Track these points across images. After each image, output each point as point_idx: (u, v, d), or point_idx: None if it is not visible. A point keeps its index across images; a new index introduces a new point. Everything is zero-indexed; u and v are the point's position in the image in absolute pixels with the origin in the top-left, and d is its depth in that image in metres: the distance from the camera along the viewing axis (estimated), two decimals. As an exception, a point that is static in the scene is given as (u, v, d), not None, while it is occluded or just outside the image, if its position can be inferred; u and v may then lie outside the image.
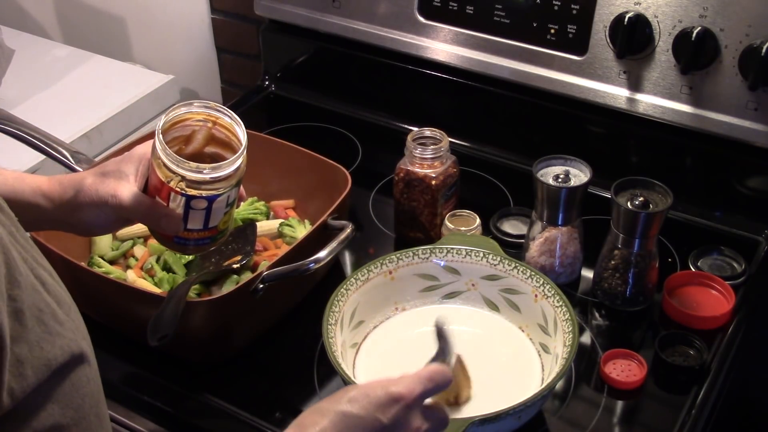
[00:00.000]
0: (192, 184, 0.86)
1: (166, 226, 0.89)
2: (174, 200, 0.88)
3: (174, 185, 0.86)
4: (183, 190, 0.87)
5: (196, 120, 0.90)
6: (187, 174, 0.86)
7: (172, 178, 0.86)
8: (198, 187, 0.87)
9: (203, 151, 0.90)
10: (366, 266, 1.06)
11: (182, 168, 0.86)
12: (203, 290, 1.09)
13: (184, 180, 0.86)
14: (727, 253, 1.18)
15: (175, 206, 0.88)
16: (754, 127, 1.16)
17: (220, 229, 0.93)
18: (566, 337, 0.96)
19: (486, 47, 1.34)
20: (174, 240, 0.92)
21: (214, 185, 0.87)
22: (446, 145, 1.18)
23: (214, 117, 0.90)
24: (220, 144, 0.90)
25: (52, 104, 1.60)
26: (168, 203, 0.88)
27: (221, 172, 0.87)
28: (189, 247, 0.94)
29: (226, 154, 0.89)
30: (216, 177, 0.86)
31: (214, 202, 0.89)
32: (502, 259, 1.06)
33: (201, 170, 0.86)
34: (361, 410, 0.73)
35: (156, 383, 1.06)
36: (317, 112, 1.54)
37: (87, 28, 1.97)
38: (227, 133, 0.90)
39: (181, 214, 0.89)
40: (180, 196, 0.87)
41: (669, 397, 1.02)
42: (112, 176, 0.89)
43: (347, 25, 1.45)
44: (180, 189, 0.87)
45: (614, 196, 1.06)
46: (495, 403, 0.91)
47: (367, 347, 1.05)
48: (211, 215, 0.90)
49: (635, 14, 1.17)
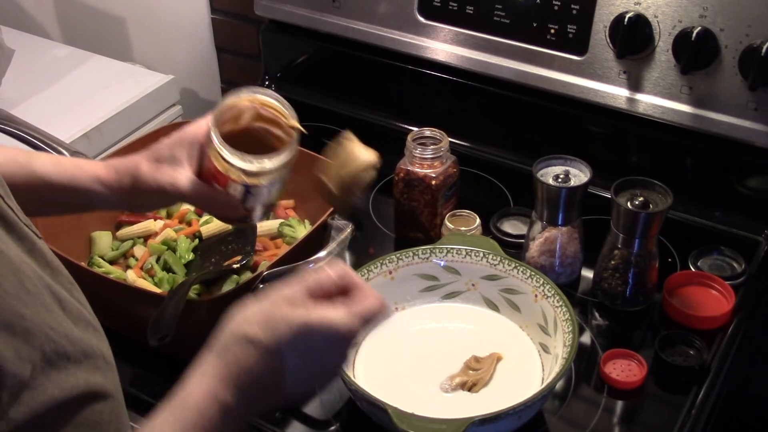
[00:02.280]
0: (251, 174, 0.88)
1: (228, 210, 0.92)
2: (232, 188, 0.90)
3: (233, 176, 0.88)
4: (243, 180, 0.89)
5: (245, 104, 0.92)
6: (246, 167, 0.88)
7: (230, 170, 0.88)
8: (257, 176, 0.89)
9: (252, 126, 0.91)
10: (366, 266, 1.06)
11: (243, 161, 0.87)
12: (203, 290, 1.09)
13: (244, 171, 0.88)
14: (727, 253, 1.18)
15: (235, 192, 0.90)
16: (754, 127, 1.16)
17: (274, 204, 0.98)
18: (566, 337, 0.96)
19: (486, 47, 1.34)
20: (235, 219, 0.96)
21: (272, 174, 0.90)
22: (446, 145, 1.18)
23: (259, 100, 0.92)
24: (267, 121, 0.92)
25: (52, 104, 1.60)
26: (226, 190, 0.90)
27: (279, 163, 0.89)
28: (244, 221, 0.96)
29: (273, 129, 0.92)
30: (275, 167, 0.89)
31: (273, 186, 0.91)
32: (502, 259, 1.06)
33: (262, 163, 0.88)
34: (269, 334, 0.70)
35: (156, 383, 1.05)
36: (317, 112, 1.54)
37: (87, 28, 1.97)
38: (273, 112, 0.92)
39: (240, 199, 0.91)
40: (239, 185, 0.89)
41: (669, 397, 1.02)
42: (167, 162, 0.89)
43: (347, 25, 1.45)
44: (239, 179, 0.89)
45: (614, 196, 1.06)
46: (495, 403, 0.91)
47: (367, 347, 1.05)
48: (268, 196, 0.93)
49: (635, 14, 1.17)
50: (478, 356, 1.02)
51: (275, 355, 0.69)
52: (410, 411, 0.94)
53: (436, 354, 1.03)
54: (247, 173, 0.88)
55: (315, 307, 0.71)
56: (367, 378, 1.00)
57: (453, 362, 1.01)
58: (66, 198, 0.90)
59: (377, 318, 0.74)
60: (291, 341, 0.69)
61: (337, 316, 0.71)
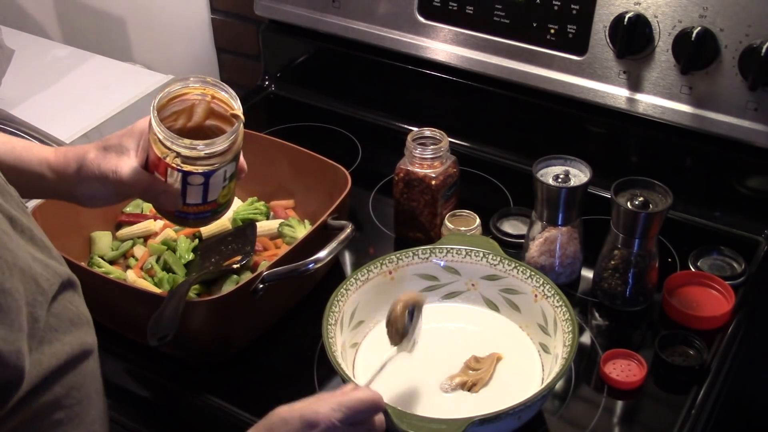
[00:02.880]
0: (187, 160, 0.86)
1: (165, 201, 0.90)
2: (171, 176, 0.88)
3: (170, 161, 0.87)
4: (179, 166, 0.87)
5: (195, 95, 0.90)
6: (181, 150, 0.86)
7: (168, 154, 0.86)
8: (193, 162, 0.87)
9: (204, 125, 0.90)
10: (366, 266, 1.06)
11: (177, 144, 0.85)
12: (203, 290, 1.09)
13: (180, 156, 0.86)
14: (727, 253, 1.18)
15: (173, 181, 0.88)
16: (754, 127, 1.16)
17: (220, 202, 0.93)
18: (566, 337, 0.96)
19: (486, 47, 1.34)
20: (175, 214, 0.93)
21: (209, 161, 0.87)
22: (446, 145, 1.18)
23: (211, 91, 0.90)
24: (219, 117, 0.90)
25: (52, 104, 1.60)
26: (166, 179, 0.88)
27: (216, 147, 0.86)
28: (189, 220, 0.94)
29: (225, 127, 0.89)
30: (211, 153, 0.86)
31: (211, 177, 0.88)
32: (502, 259, 1.06)
33: (195, 146, 0.86)
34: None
35: (156, 383, 1.06)
36: (317, 112, 1.54)
37: (87, 28, 1.97)
38: (225, 107, 0.90)
39: (179, 189, 0.89)
40: (176, 172, 0.87)
41: (669, 397, 1.02)
42: (114, 151, 0.90)
43: (347, 25, 1.45)
44: (176, 165, 0.87)
45: (614, 196, 1.06)
46: (495, 403, 0.91)
47: (367, 347, 1.05)
48: (209, 189, 0.90)
49: (635, 14, 1.17)
50: (477, 356, 1.02)
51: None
52: (410, 411, 0.94)
53: (436, 354, 1.03)
54: (183, 158, 0.86)
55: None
56: (366, 378, 0.99)
57: (453, 362, 1.01)
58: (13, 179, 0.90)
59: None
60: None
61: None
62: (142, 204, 1.24)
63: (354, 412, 0.77)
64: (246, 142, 1.25)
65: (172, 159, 0.86)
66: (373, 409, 0.79)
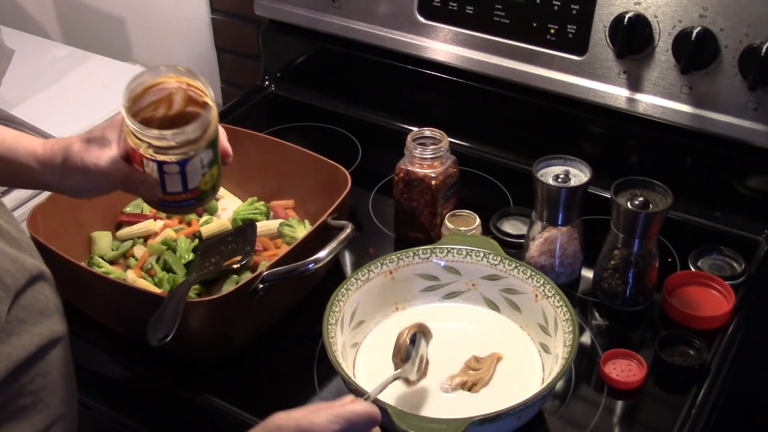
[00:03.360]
0: (159, 150, 0.86)
1: (144, 191, 0.90)
2: (147, 166, 0.88)
3: (143, 152, 0.86)
4: (152, 156, 0.86)
5: (171, 83, 0.89)
6: (152, 141, 0.85)
7: (140, 145, 0.86)
8: (165, 152, 0.86)
9: (186, 111, 0.89)
10: (366, 266, 1.06)
11: (146, 135, 0.85)
12: (203, 290, 1.09)
13: (151, 146, 0.86)
14: (727, 253, 1.18)
15: (150, 171, 0.88)
16: (754, 127, 1.16)
17: (203, 189, 0.92)
18: (566, 337, 0.96)
19: (486, 47, 1.34)
20: (160, 202, 0.92)
21: (181, 149, 0.86)
22: (446, 145, 1.18)
23: (186, 79, 0.89)
24: (198, 104, 0.89)
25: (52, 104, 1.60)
26: (143, 169, 0.88)
27: (185, 136, 0.86)
28: (173, 208, 0.93)
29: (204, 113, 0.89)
30: (181, 142, 0.86)
31: (187, 165, 0.88)
32: (502, 259, 1.06)
33: (164, 136, 0.85)
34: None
35: (156, 383, 1.06)
36: (317, 112, 1.54)
37: (87, 28, 1.97)
38: (201, 94, 0.89)
39: (158, 179, 0.88)
40: (151, 162, 0.87)
41: (669, 397, 1.02)
42: (96, 143, 0.90)
43: (347, 25, 1.45)
44: (149, 155, 0.86)
45: (614, 196, 1.06)
46: (495, 403, 0.91)
47: (367, 347, 1.05)
48: (187, 177, 0.89)
49: (635, 14, 1.17)
50: (478, 356, 1.02)
51: None
52: (410, 411, 0.94)
53: (436, 354, 1.03)
54: (154, 148, 0.86)
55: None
56: (367, 378, 1.00)
57: (453, 362, 1.02)
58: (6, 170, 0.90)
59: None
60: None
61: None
62: (142, 204, 1.24)
63: (350, 425, 0.77)
64: (246, 142, 1.26)
65: (144, 149, 0.86)
66: (370, 424, 0.79)
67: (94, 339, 1.10)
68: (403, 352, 0.95)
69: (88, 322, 1.11)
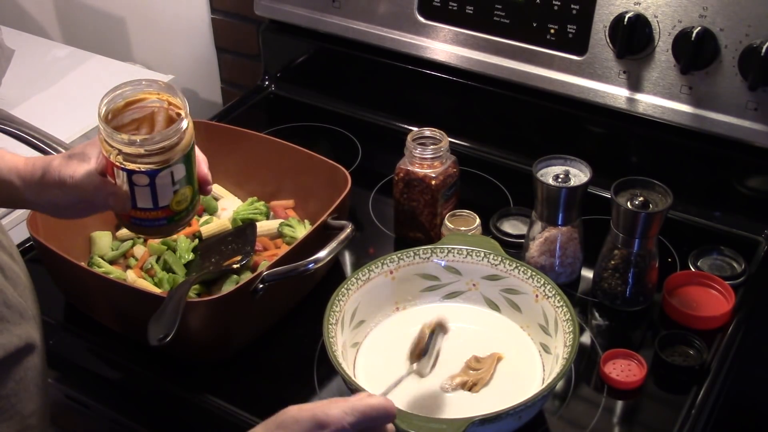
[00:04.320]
0: (129, 157, 0.85)
1: (114, 203, 0.89)
2: (118, 176, 0.87)
3: (113, 159, 0.86)
4: (122, 164, 0.86)
5: (152, 101, 0.89)
6: (122, 147, 0.85)
7: (111, 152, 0.86)
8: (135, 160, 0.86)
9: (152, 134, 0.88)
10: (367, 266, 1.06)
11: (116, 140, 0.85)
12: (203, 290, 1.09)
13: (121, 153, 0.85)
14: (727, 253, 1.18)
15: (121, 183, 0.88)
16: (754, 127, 1.16)
17: (175, 209, 0.91)
18: (567, 337, 0.96)
19: (486, 47, 1.34)
20: (131, 221, 0.92)
21: (151, 158, 0.86)
22: (446, 145, 1.18)
23: (166, 96, 0.89)
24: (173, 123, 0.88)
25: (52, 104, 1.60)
26: (115, 180, 0.88)
27: (155, 144, 0.85)
28: (145, 227, 0.92)
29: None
30: (151, 150, 0.85)
31: (156, 178, 0.87)
32: (503, 259, 1.06)
33: (133, 142, 0.85)
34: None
35: (156, 383, 1.06)
36: (317, 112, 1.54)
37: (87, 28, 1.97)
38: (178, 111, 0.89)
39: (128, 192, 0.88)
40: (121, 171, 0.86)
41: (669, 397, 1.02)
42: (76, 158, 0.91)
43: (347, 25, 1.45)
44: (119, 163, 0.86)
45: (614, 196, 1.06)
46: (495, 403, 0.91)
47: (367, 347, 1.05)
48: (157, 192, 0.88)
49: (635, 14, 1.17)
50: (478, 356, 1.02)
51: None
52: (411, 411, 0.94)
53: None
54: (124, 155, 0.85)
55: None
56: (367, 378, 1.00)
57: (454, 362, 1.01)
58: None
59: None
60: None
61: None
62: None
63: (366, 418, 0.77)
64: (246, 142, 1.26)
65: (115, 157, 0.86)
66: (385, 417, 0.79)
67: (94, 339, 1.10)
68: (422, 347, 0.95)
69: (88, 322, 1.11)
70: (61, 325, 1.13)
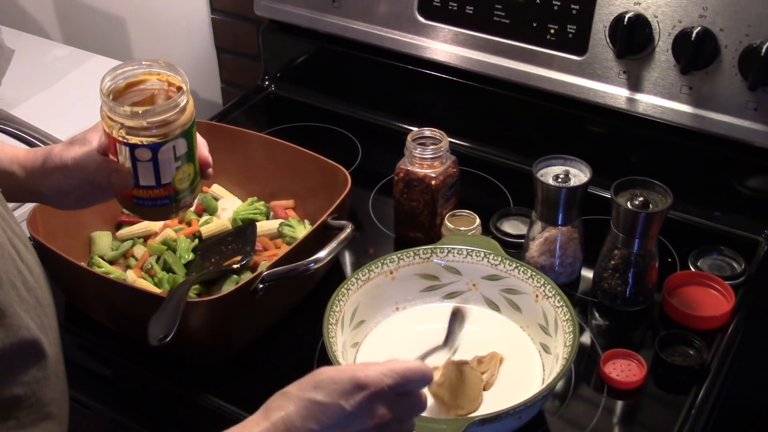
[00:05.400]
0: (131, 130, 0.85)
1: (117, 180, 0.89)
2: (120, 152, 0.87)
3: (116, 134, 0.86)
4: (124, 138, 0.86)
5: (153, 82, 0.89)
6: (124, 121, 0.85)
7: (113, 127, 0.86)
8: (137, 133, 0.86)
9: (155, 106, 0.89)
10: (367, 266, 1.06)
11: (118, 114, 0.85)
12: (203, 290, 1.09)
13: (123, 127, 0.85)
14: (727, 253, 1.18)
15: (123, 159, 0.88)
16: (754, 127, 1.16)
17: (177, 188, 0.91)
18: (567, 338, 0.96)
19: (486, 47, 1.34)
20: (133, 201, 0.91)
21: (153, 131, 0.86)
22: (446, 145, 1.18)
23: (166, 76, 0.89)
24: None
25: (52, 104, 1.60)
26: (117, 158, 0.88)
27: (157, 115, 0.85)
28: (147, 207, 0.92)
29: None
30: (153, 122, 0.85)
31: (159, 152, 0.87)
32: (503, 259, 1.06)
33: (136, 113, 0.85)
34: (325, 397, 0.75)
35: (156, 383, 1.06)
36: (317, 112, 1.54)
37: (87, 28, 1.97)
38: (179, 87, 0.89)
39: (130, 168, 0.88)
40: (124, 147, 0.86)
41: (669, 397, 1.02)
42: (78, 143, 0.92)
43: (347, 25, 1.45)
44: (121, 137, 0.86)
45: (614, 196, 1.06)
46: (495, 403, 0.91)
47: (367, 347, 1.05)
48: (159, 168, 0.88)
49: (635, 14, 1.17)
50: (480, 356, 1.02)
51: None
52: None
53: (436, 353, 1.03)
54: (126, 128, 0.85)
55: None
56: (367, 378, 0.99)
57: (453, 362, 1.01)
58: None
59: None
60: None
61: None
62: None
63: (404, 380, 0.76)
64: (246, 142, 1.27)
65: (117, 131, 0.86)
66: (422, 380, 0.79)
67: (94, 339, 1.10)
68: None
69: (88, 322, 1.11)
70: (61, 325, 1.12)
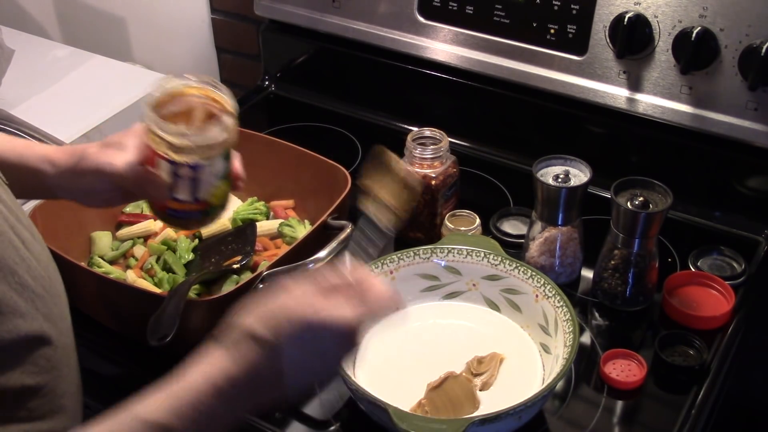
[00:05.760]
0: (176, 149, 0.86)
1: (153, 191, 0.90)
2: (161, 167, 0.88)
3: (159, 150, 0.87)
4: (167, 155, 0.87)
5: (194, 96, 0.90)
6: (171, 139, 0.86)
7: (159, 143, 0.86)
8: (181, 152, 0.86)
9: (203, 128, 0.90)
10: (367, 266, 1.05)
11: (166, 132, 0.86)
12: (203, 290, 1.09)
13: (169, 145, 0.86)
14: (727, 253, 1.18)
15: (163, 173, 0.88)
16: (754, 127, 1.16)
17: (212, 203, 0.92)
18: (567, 338, 0.96)
19: (486, 47, 1.34)
20: (167, 212, 0.92)
21: (197, 152, 0.87)
22: (446, 145, 1.18)
23: (208, 92, 0.90)
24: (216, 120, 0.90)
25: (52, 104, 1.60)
26: (156, 170, 0.88)
27: (205, 139, 0.86)
28: (179, 219, 0.93)
29: None
30: (200, 144, 0.86)
31: (199, 171, 0.88)
32: (503, 259, 1.06)
33: (185, 134, 0.85)
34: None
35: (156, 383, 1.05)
36: (317, 112, 1.54)
37: (87, 28, 1.97)
38: (220, 107, 0.90)
39: (169, 182, 0.88)
40: (166, 162, 0.87)
41: (669, 397, 1.02)
42: (114, 147, 0.92)
43: (347, 25, 1.45)
44: (165, 154, 0.87)
45: (614, 196, 1.06)
46: (495, 403, 0.91)
47: (368, 347, 1.05)
48: (198, 186, 0.89)
49: (635, 14, 1.17)
50: (480, 357, 1.02)
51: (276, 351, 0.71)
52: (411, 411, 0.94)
53: (437, 353, 1.03)
54: (173, 147, 0.86)
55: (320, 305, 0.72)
56: (367, 378, 1.00)
57: (454, 362, 1.01)
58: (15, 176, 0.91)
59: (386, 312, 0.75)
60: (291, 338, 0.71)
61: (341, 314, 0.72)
62: (142, 204, 1.24)
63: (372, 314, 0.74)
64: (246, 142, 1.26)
65: (161, 148, 0.86)
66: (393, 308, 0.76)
67: (94, 339, 1.10)
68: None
69: (88, 322, 1.11)
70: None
